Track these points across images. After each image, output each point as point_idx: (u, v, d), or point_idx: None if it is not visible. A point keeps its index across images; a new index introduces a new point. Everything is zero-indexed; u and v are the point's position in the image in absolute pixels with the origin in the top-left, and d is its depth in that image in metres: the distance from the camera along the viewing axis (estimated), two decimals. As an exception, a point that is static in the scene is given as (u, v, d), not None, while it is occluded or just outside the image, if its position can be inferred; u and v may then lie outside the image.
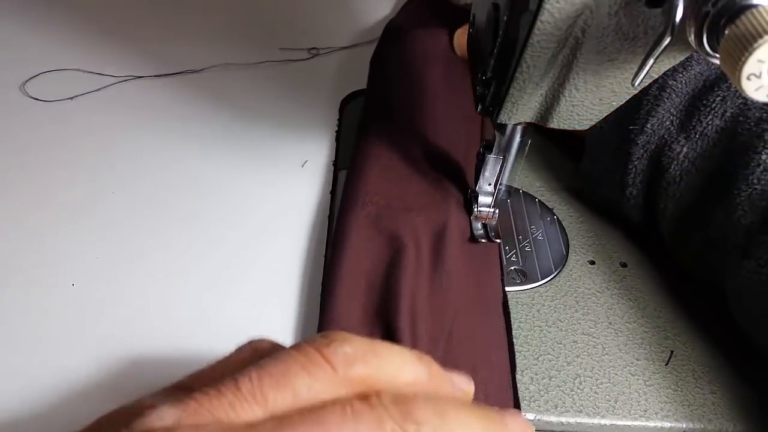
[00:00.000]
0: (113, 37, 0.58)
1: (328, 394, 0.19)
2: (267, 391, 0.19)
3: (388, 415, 0.19)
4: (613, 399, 0.33)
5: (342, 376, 0.20)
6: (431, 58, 0.49)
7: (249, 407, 0.18)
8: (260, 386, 0.19)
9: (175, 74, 0.53)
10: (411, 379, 0.21)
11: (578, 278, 0.40)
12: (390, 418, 0.19)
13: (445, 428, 0.19)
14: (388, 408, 0.19)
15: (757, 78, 0.19)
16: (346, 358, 0.20)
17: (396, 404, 0.19)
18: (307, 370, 0.19)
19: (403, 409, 0.19)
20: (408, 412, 0.19)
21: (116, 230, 0.40)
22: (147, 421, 0.18)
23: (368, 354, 0.20)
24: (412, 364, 0.21)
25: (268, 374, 0.19)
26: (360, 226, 0.38)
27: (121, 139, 0.47)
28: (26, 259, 0.38)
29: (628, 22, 0.24)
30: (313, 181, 0.45)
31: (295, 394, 0.19)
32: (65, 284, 0.36)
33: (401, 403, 0.19)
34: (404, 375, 0.21)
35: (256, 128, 0.49)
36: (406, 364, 0.21)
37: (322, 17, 0.64)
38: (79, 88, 0.51)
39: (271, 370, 0.19)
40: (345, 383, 0.20)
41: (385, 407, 0.19)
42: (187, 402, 0.18)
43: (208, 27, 0.61)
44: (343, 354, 0.20)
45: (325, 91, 0.54)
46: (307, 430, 0.18)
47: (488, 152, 0.37)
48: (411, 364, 0.22)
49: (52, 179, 0.43)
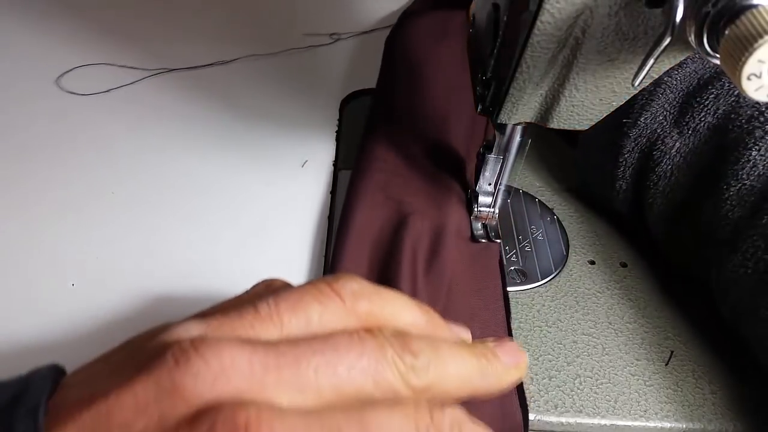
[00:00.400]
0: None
1: (336, 324, 0.22)
2: (283, 315, 0.21)
3: (389, 344, 0.21)
4: (613, 399, 0.33)
5: (349, 308, 0.22)
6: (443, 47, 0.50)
7: (266, 328, 0.21)
8: (277, 311, 0.21)
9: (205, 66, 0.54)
10: (410, 321, 0.23)
11: (578, 278, 0.40)
12: (390, 347, 0.21)
13: (439, 360, 0.22)
14: (389, 339, 0.21)
15: (757, 78, 0.19)
16: (353, 292, 0.22)
17: (396, 337, 0.21)
18: (319, 300, 0.22)
19: (402, 341, 0.21)
20: (406, 344, 0.21)
21: (116, 230, 0.40)
22: (174, 333, 0.20)
23: (373, 294, 0.23)
24: (411, 309, 0.24)
25: (284, 300, 0.21)
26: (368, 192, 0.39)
27: (120, 140, 0.47)
28: (26, 259, 0.38)
29: (628, 22, 0.24)
30: (313, 181, 0.45)
31: (307, 320, 0.21)
32: (65, 284, 0.37)
33: (401, 336, 0.22)
34: (404, 317, 0.23)
35: (256, 128, 0.49)
36: (407, 307, 0.24)
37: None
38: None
39: (287, 297, 0.21)
40: (352, 315, 0.22)
41: (386, 338, 0.21)
42: (211, 321, 0.21)
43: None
44: (351, 289, 0.22)
45: (326, 90, 0.54)
46: (318, 349, 0.20)
47: (488, 152, 0.37)
48: (411, 308, 0.24)
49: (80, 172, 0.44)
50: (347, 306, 0.22)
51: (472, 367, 0.23)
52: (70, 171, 0.44)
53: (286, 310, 0.21)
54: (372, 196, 0.40)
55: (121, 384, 0.18)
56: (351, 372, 0.20)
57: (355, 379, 0.20)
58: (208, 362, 0.18)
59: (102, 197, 0.42)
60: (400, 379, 0.21)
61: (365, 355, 0.20)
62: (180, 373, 0.18)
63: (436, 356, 0.22)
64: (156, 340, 0.20)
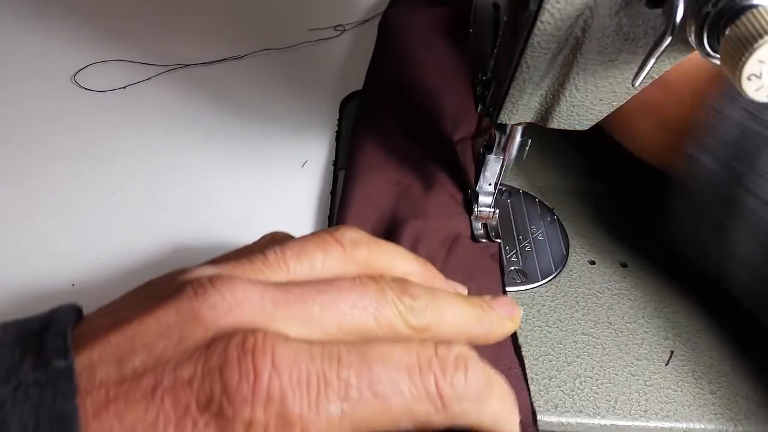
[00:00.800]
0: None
1: (338, 270, 0.23)
2: (289, 261, 0.23)
3: (389, 287, 0.22)
4: (613, 399, 0.33)
5: (349, 254, 0.24)
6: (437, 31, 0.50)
7: (274, 272, 0.22)
8: (284, 257, 0.23)
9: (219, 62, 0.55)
10: (408, 269, 0.25)
11: (578, 278, 0.40)
12: (390, 290, 0.22)
13: (437, 304, 0.23)
14: (389, 283, 0.23)
15: (757, 78, 0.19)
16: (353, 241, 0.24)
17: (395, 281, 0.23)
18: (321, 247, 0.24)
19: (401, 285, 0.23)
20: (405, 288, 0.23)
21: (117, 229, 0.40)
22: (192, 274, 0.22)
23: (372, 243, 0.25)
24: (409, 259, 0.26)
25: (290, 248, 0.23)
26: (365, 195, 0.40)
27: (120, 140, 0.47)
28: (27, 259, 0.38)
29: (628, 22, 0.24)
30: (313, 181, 0.45)
31: (311, 266, 0.23)
32: (65, 283, 0.37)
33: (400, 281, 0.23)
34: (402, 265, 0.25)
35: (256, 128, 0.49)
36: (404, 257, 0.26)
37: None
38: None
39: (292, 245, 0.23)
40: (352, 262, 0.24)
41: (386, 282, 0.23)
42: (224, 265, 0.22)
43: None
44: (350, 237, 0.24)
45: (326, 90, 0.54)
46: (323, 289, 0.22)
47: (488, 152, 0.37)
48: (408, 258, 0.26)
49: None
50: (347, 252, 0.24)
51: (468, 313, 0.24)
52: (81, 168, 0.44)
53: (291, 257, 0.23)
54: (366, 203, 0.40)
55: (145, 311, 0.20)
56: (353, 310, 0.21)
57: (357, 316, 0.21)
58: (224, 296, 0.20)
59: (102, 196, 0.42)
60: (399, 318, 0.22)
61: (366, 295, 0.22)
62: (199, 303, 0.20)
63: (434, 301, 0.23)
64: (175, 279, 0.22)
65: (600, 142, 0.43)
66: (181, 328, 0.19)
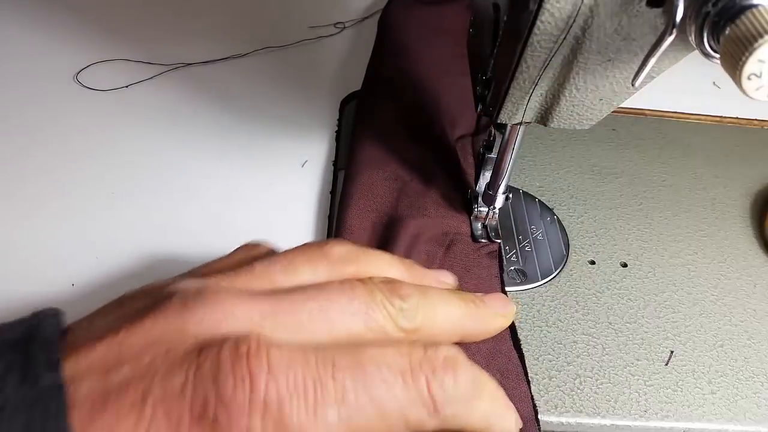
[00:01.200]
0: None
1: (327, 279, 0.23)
2: (276, 275, 0.22)
3: (378, 289, 0.22)
4: (613, 399, 0.33)
5: (338, 269, 0.23)
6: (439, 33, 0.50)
7: (261, 285, 0.22)
8: (271, 270, 0.22)
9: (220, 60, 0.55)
10: (396, 275, 0.25)
11: (578, 278, 0.40)
12: (380, 292, 0.22)
13: (428, 303, 0.23)
14: (378, 285, 0.22)
15: (757, 78, 0.19)
16: (340, 256, 0.24)
17: (385, 283, 0.23)
18: (309, 261, 0.23)
19: (391, 286, 0.22)
20: (395, 289, 0.22)
21: (117, 229, 0.40)
22: (178, 285, 0.21)
23: (360, 256, 0.24)
24: (395, 264, 0.25)
25: (277, 261, 0.23)
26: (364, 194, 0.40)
27: (124, 136, 0.47)
28: (27, 258, 0.38)
29: (628, 22, 0.24)
30: (313, 181, 0.45)
31: (299, 280, 0.22)
32: (65, 284, 0.36)
33: (390, 282, 0.23)
34: (389, 272, 0.24)
35: (256, 128, 0.49)
36: (391, 263, 0.25)
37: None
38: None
39: (280, 259, 0.23)
40: (340, 274, 0.23)
41: (375, 284, 0.22)
42: (210, 276, 0.22)
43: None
44: (338, 252, 0.24)
45: (326, 90, 0.54)
46: (312, 296, 0.21)
47: (488, 152, 0.37)
48: (394, 263, 0.25)
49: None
50: (335, 268, 0.23)
51: (460, 310, 0.24)
52: (83, 167, 0.44)
53: (278, 271, 0.22)
54: (366, 200, 0.40)
55: (132, 322, 0.19)
56: (343, 315, 0.21)
57: (347, 322, 0.21)
58: (212, 307, 0.20)
59: (103, 196, 0.42)
60: (390, 321, 0.22)
61: (356, 299, 0.21)
62: (189, 314, 0.19)
63: (425, 300, 0.23)
64: (163, 290, 0.21)
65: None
66: (169, 339, 0.19)
